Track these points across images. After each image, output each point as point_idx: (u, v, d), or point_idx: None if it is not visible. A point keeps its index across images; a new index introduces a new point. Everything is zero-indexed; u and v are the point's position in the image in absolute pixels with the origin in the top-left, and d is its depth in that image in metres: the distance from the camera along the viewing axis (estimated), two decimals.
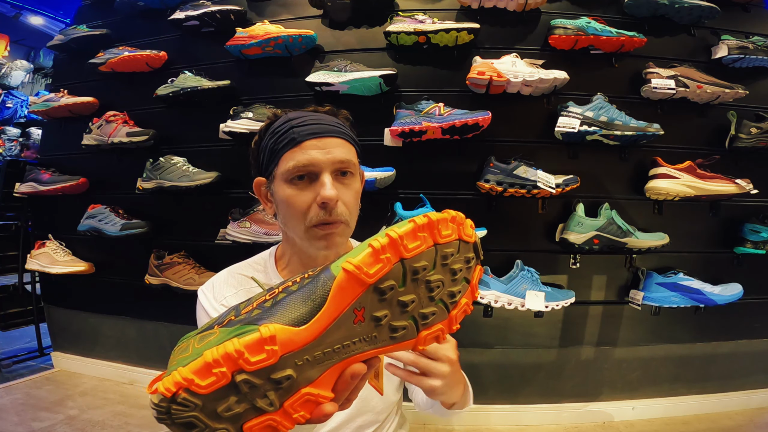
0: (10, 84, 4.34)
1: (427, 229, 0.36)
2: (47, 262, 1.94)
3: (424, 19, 1.60)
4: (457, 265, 0.39)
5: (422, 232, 0.35)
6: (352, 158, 0.66)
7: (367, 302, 0.34)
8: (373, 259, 0.33)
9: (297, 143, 0.63)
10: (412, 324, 0.38)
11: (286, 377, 0.32)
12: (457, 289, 0.40)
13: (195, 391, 0.29)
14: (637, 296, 1.57)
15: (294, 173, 0.63)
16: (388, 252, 0.33)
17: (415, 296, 0.36)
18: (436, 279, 0.37)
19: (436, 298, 0.38)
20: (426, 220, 0.35)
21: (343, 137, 0.66)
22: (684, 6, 1.59)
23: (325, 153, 0.63)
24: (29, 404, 1.75)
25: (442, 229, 0.36)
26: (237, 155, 1.77)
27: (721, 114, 1.64)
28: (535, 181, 1.48)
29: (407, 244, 0.34)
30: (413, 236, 0.35)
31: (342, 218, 0.63)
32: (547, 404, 1.70)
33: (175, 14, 1.82)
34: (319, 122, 0.65)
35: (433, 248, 0.36)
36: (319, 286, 0.34)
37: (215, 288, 0.74)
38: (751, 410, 1.72)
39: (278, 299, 0.34)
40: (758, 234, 1.57)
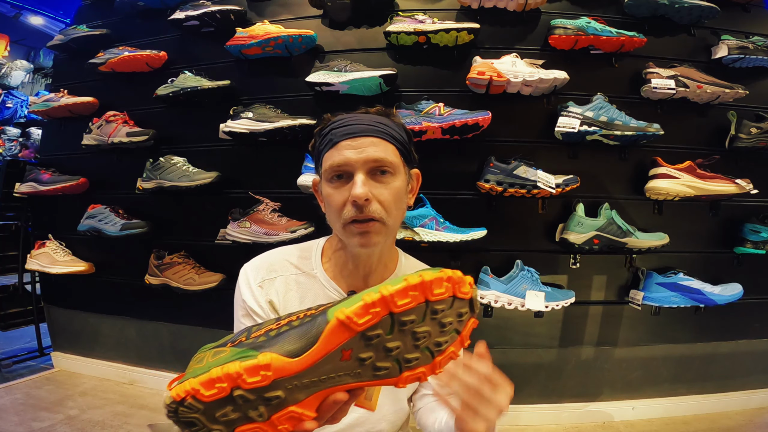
0: (10, 84, 4.35)
1: (419, 288, 0.38)
2: (47, 262, 1.94)
3: (424, 19, 1.60)
4: (448, 319, 0.41)
5: (414, 291, 0.38)
6: (388, 156, 0.66)
7: (354, 345, 0.38)
8: (363, 311, 0.37)
9: (334, 144, 0.66)
10: (395, 365, 0.41)
11: (276, 397, 0.38)
12: (444, 339, 0.42)
13: (200, 398, 0.36)
14: (637, 296, 1.57)
15: (331, 173, 0.66)
16: (378, 307, 0.37)
17: (400, 343, 0.40)
18: (423, 330, 0.40)
19: (421, 347, 0.41)
20: (418, 281, 0.38)
21: (380, 136, 0.67)
22: (684, 6, 1.59)
23: (359, 152, 0.65)
24: (29, 404, 1.74)
25: (435, 288, 0.39)
26: (237, 155, 1.77)
27: (721, 114, 1.64)
28: (535, 181, 1.48)
29: (397, 301, 0.37)
30: (404, 294, 0.38)
31: (375, 215, 0.64)
32: (547, 404, 1.70)
33: (175, 14, 1.82)
34: (357, 123, 0.67)
35: (424, 304, 0.39)
36: (315, 327, 0.38)
37: (257, 269, 0.76)
38: (751, 410, 1.72)
39: (281, 331, 0.40)
40: (758, 234, 1.57)
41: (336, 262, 0.75)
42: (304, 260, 0.77)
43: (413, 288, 0.38)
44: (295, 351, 0.38)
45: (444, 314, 0.41)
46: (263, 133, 1.60)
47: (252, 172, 1.75)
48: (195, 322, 1.84)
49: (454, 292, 0.40)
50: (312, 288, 0.74)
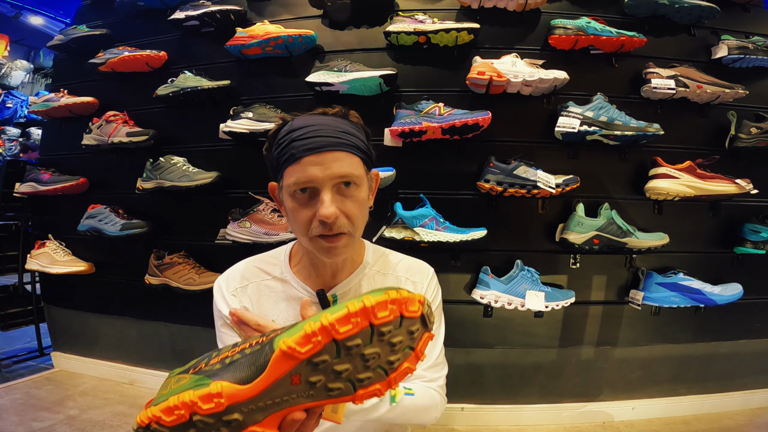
0: (10, 84, 4.35)
1: (361, 314, 0.38)
2: (47, 262, 1.94)
3: (424, 19, 1.60)
4: (398, 338, 0.41)
5: (355, 317, 0.38)
6: (353, 170, 0.65)
7: (301, 371, 0.39)
8: (305, 340, 0.38)
9: (296, 159, 0.63)
10: (348, 385, 0.41)
11: (234, 420, 0.39)
12: (396, 357, 0.43)
13: (163, 423, 0.39)
14: (637, 296, 1.57)
15: (295, 188, 0.64)
16: (319, 336, 0.38)
17: (349, 366, 0.40)
18: (372, 352, 0.40)
19: (372, 366, 0.42)
20: (359, 307, 0.38)
21: (344, 149, 0.64)
22: (684, 6, 1.59)
23: (324, 169, 0.62)
24: (29, 404, 1.74)
25: (379, 311, 0.39)
26: (237, 155, 1.77)
27: (721, 114, 1.64)
28: (535, 181, 1.48)
29: (338, 329, 0.38)
30: (345, 321, 0.38)
31: (343, 230, 0.64)
32: (547, 404, 1.70)
33: (175, 14, 1.82)
34: (318, 134, 0.63)
35: (369, 328, 0.39)
36: (263, 355, 0.40)
37: (228, 280, 0.78)
38: (751, 410, 1.72)
39: (234, 359, 0.42)
40: (758, 234, 1.57)
41: (304, 264, 0.76)
42: (273, 266, 0.79)
43: (355, 315, 0.38)
44: (246, 378, 0.39)
45: (392, 335, 0.41)
46: (263, 133, 1.60)
47: (252, 172, 1.74)
48: (195, 322, 1.84)
49: (400, 312, 0.40)
50: (284, 291, 0.76)
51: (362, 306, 0.38)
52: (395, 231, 1.48)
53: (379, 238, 1.48)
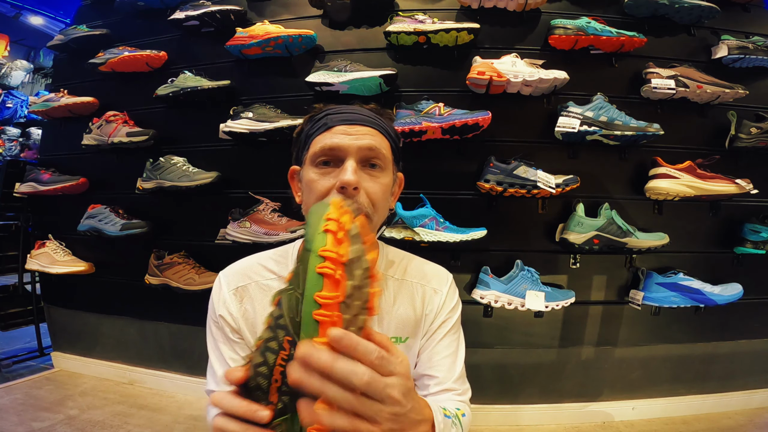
0: (10, 84, 4.34)
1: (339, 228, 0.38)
2: (47, 262, 1.94)
3: (424, 19, 1.60)
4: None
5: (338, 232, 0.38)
6: (382, 148, 0.64)
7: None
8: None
9: (328, 128, 0.63)
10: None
11: None
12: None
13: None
14: (637, 296, 1.57)
15: (320, 156, 0.62)
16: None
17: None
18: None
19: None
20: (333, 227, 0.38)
21: (376, 128, 0.65)
22: (684, 6, 1.59)
23: (354, 138, 0.62)
24: (29, 404, 1.74)
25: (342, 218, 0.39)
26: (237, 155, 1.77)
27: (721, 114, 1.64)
28: (535, 181, 1.48)
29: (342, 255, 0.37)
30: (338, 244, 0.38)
31: (362, 208, 0.60)
32: (547, 404, 1.70)
33: (175, 14, 1.82)
34: (354, 112, 0.65)
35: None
36: None
37: (230, 276, 0.74)
38: (751, 410, 1.72)
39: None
40: (758, 234, 1.57)
41: None
42: (280, 264, 0.74)
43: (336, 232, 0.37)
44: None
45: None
46: (263, 133, 1.60)
47: (252, 172, 1.75)
48: (195, 322, 1.84)
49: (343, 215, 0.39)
50: None
51: (334, 217, 0.38)
52: (395, 231, 1.48)
53: (378, 238, 1.48)
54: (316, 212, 0.39)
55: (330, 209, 0.38)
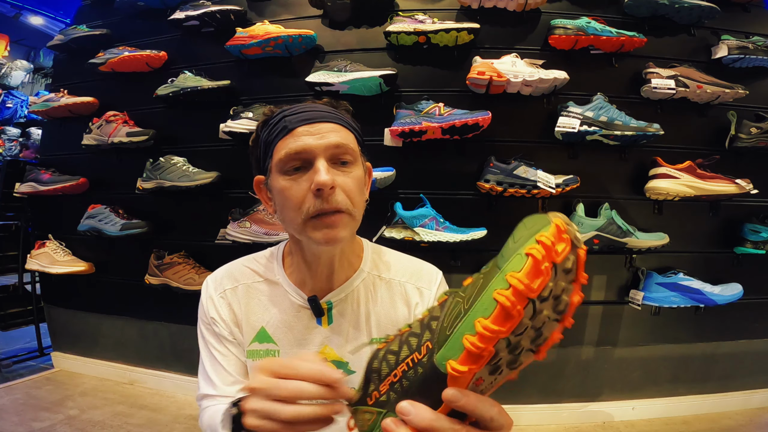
0: (10, 84, 4.34)
1: (547, 256, 0.30)
2: (47, 262, 1.94)
3: (424, 19, 1.60)
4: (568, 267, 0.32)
5: (544, 262, 0.30)
6: (349, 143, 0.62)
7: (482, 374, 0.34)
8: (474, 357, 0.32)
9: (289, 131, 0.60)
10: (531, 346, 0.34)
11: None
12: (565, 294, 0.33)
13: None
14: (637, 296, 1.57)
15: (288, 162, 0.60)
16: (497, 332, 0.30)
17: (537, 322, 0.33)
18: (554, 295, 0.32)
19: (551, 315, 0.33)
20: (545, 247, 0.30)
21: (337, 122, 0.63)
22: (684, 6, 1.59)
23: (318, 138, 0.59)
24: (29, 404, 1.75)
25: (557, 245, 0.31)
26: (237, 155, 1.77)
27: (721, 114, 1.64)
28: (535, 181, 1.48)
29: (533, 286, 0.30)
30: (536, 274, 0.30)
31: (342, 207, 0.58)
32: (547, 404, 1.70)
33: (175, 14, 1.82)
34: (312, 110, 0.63)
35: (552, 270, 0.31)
36: (434, 380, 0.35)
37: (217, 280, 0.73)
38: (751, 410, 1.72)
39: (404, 385, 0.38)
40: (758, 234, 1.57)
41: (297, 266, 0.69)
42: (265, 267, 0.72)
43: (543, 260, 0.29)
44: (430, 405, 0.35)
45: (567, 267, 0.31)
46: None
47: (252, 172, 1.74)
48: (195, 322, 1.83)
49: (570, 238, 0.32)
50: (275, 294, 0.69)
51: (547, 243, 0.30)
52: (395, 231, 1.48)
53: (379, 238, 1.48)
54: (531, 225, 0.32)
55: (549, 229, 0.31)
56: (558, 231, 0.31)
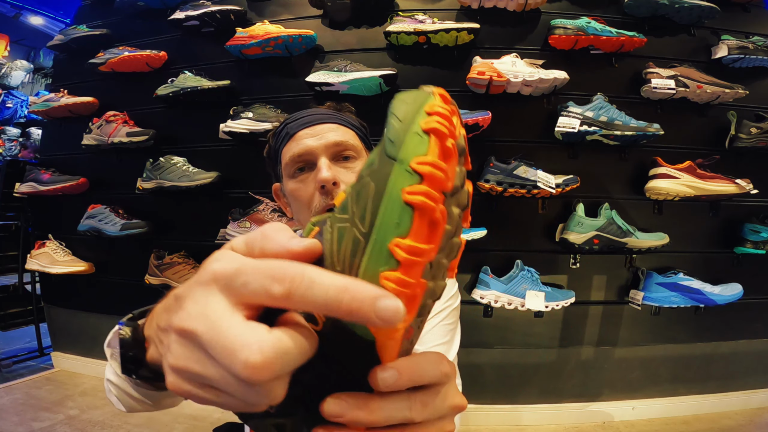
0: (10, 84, 4.34)
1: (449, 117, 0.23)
2: (47, 262, 1.94)
3: (424, 19, 1.60)
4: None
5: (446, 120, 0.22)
6: (349, 140, 0.65)
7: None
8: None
9: (291, 136, 0.65)
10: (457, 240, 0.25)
11: None
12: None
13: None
14: (637, 296, 1.57)
15: (293, 165, 0.64)
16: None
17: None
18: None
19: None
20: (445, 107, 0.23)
21: (336, 122, 0.66)
22: (684, 6, 1.59)
23: (318, 139, 0.63)
24: (29, 404, 1.75)
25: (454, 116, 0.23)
26: (237, 155, 1.77)
27: (721, 114, 1.64)
28: (535, 181, 1.48)
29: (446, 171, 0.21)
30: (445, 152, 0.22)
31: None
32: (547, 404, 1.70)
33: (175, 14, 1.82)
34: (312, 113, 0.66)
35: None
36: None
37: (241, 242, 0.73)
38: (751, 410, 1.72)
39: None
40: (758, 234, 1.57)
41: None
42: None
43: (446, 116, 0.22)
44: None
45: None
46: (263, 133, 1.60)
47: (252, 172, 1.75)
48: None
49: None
50: None
51: (445, 113, 0.22)
52: None
53: None
54: (411, 101, 0.24)
55: (436, 99, 0.23)
56: (444, 100, 0.24)
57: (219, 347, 0.19)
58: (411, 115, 0.23)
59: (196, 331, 0.20)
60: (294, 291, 0.19)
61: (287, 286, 0.19)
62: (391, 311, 0.19)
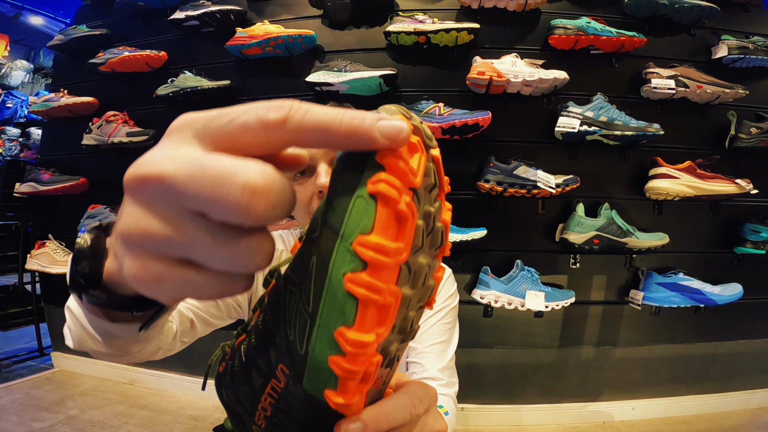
0: (10, 84, 4.34)
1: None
2: (47, 262, 1.93)
3: (424, 19, 1.60)
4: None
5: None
6: None
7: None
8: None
9: None
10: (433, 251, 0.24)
11: None
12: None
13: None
14: (637, 296, 1.57)
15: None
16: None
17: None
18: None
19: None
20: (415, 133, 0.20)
21: None
22: (684, 6, 1.59)
23: None
24: (29, 404, 1.74)
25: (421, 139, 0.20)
26: None
27: (721, 114, 1.64)
28: (535, 181, 1.48)
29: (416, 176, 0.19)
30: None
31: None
32: (547, 404, 1.70)
33: (175, 14, 1.82)
34: None
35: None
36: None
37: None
38: (751, 410, 1.72)
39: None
40: (758, 234, 1.57)
41: None
42: (286, 243, 0.78)
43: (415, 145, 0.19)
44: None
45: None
46: None
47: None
48: None
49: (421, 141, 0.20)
50: None
51: (395, 164, 0.18)
52: None
53: None
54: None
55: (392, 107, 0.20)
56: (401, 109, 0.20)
57: (206, 179, 0.15)
58: (356, 169, 0.19)
59: (163, 173, 0.16)
60: (292, 116, 0.17)
61: (285, 112, 0.17)
62: (395, 127, 0.17)
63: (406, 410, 0.25)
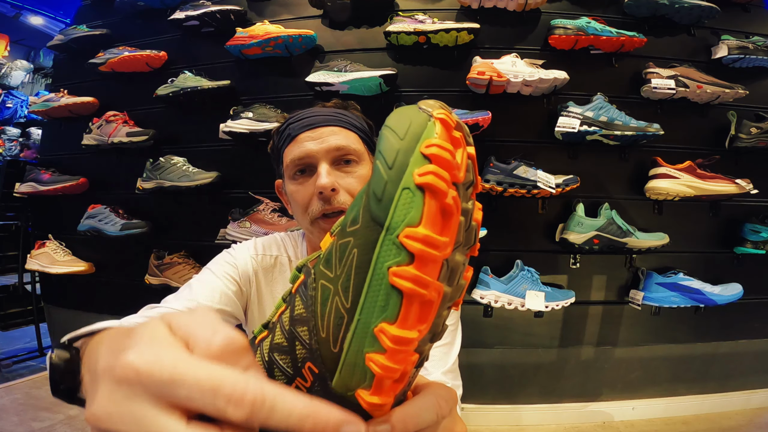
0: (10, 84, 4.34)
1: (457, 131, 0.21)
2: (47, 262, 1.93)
3: (424, 19, 1.60)
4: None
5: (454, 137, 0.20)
6: (351, 144, 0.64)
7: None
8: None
9: (292, 138, 0.64)
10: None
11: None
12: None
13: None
14: (637, 296, 1.57)
15: (293, 168, 0.64)
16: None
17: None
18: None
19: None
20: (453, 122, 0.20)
21: (339, 125, 0.65)
22: (684, 6, 1.59)
23: (319, 143, 0.62)
24: (29, 404, 1.74)
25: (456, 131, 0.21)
26: (237, 155, 1.77)
27: (721, 114, 1.64)
28: (535, 181, 1.48)
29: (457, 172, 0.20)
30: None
31: (345, 207, 0.60)
32: (547, 404, 1.70)
33: (175, 14, 1.82)
34: (315, 115, 0.65)
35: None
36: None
37: (265, 243, 0.75)
38: (751, 410, 1.72)
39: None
40: (758, 234, 1.57)
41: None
42: (290, 246, 0.77)
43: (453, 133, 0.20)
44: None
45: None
46: (263, 133, 1.60)
47: (252, 172, 1.74)
48: None
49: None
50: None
51: (445, 157, 0.19)
52: None
53: None
54: (402, 131, 0.21)
55: (434, 130, 0.20)
56: (446, 127, 0.19)
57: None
58: (402, 158, 0.19)
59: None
60: (254, 416, 0.17)
61: (247, 411, 0.17)
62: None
63: (432, 412, 0.25)
